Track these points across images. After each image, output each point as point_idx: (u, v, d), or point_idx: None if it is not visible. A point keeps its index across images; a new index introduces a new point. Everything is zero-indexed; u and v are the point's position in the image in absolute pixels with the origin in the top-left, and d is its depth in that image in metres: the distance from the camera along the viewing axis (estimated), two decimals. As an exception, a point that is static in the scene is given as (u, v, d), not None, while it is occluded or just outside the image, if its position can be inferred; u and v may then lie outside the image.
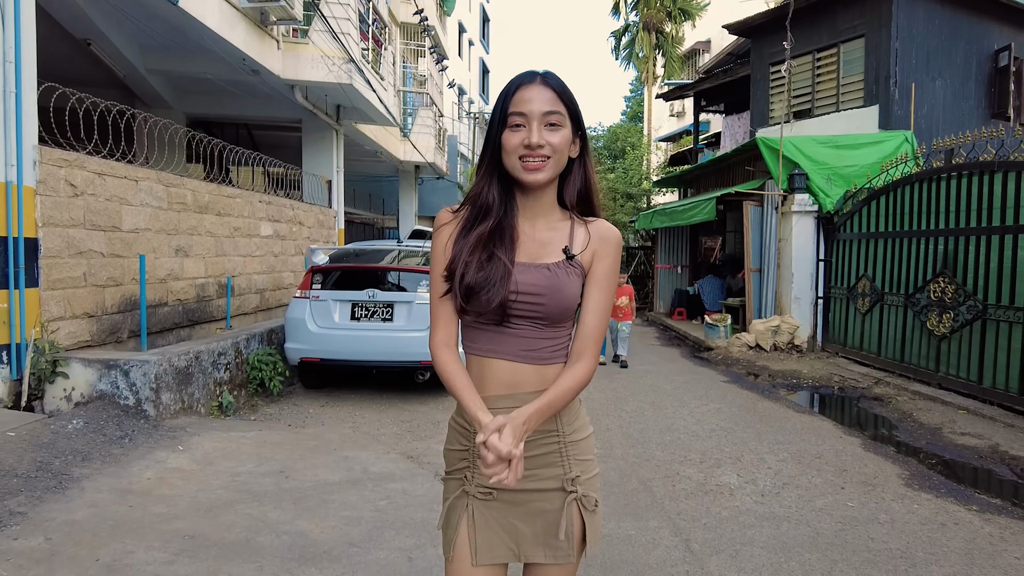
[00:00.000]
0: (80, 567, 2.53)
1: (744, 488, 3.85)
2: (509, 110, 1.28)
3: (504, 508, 1.31)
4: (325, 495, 3.42)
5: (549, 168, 1.28)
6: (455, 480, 1.35)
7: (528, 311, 1.28)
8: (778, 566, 2.85)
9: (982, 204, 6.30)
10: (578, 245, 1.33)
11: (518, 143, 1.27)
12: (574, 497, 1.29)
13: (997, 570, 2.88)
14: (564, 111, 1.29)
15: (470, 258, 1.27)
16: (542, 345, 1.30)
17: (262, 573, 2.58)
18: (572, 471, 1.30)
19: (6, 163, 4.24)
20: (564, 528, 1.27)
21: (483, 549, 1.29)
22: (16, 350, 4.31)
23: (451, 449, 1.38)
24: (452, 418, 1.40)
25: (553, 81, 1.30)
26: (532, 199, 1.34)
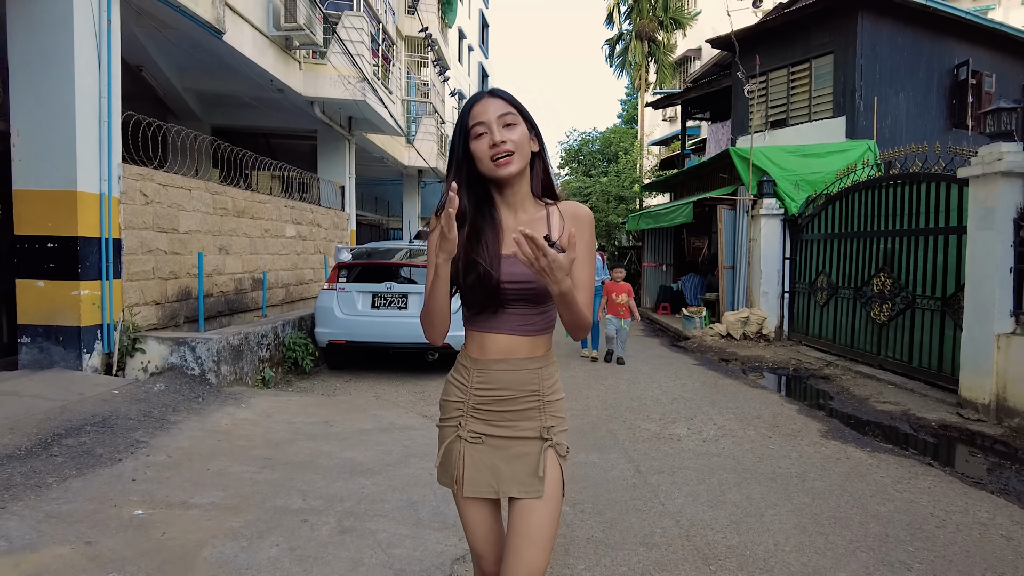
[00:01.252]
0: (198, 473, 3.56)
1: (690, 437, 4.87)
2: (469, 124, 1.47)
3: (489, 451, 1.50)
4: (363, 437, 4.45)
5: (516, 160, 1.45)
6: (450, 427, 1.55)
7: (522, 295, 1.47)
8: (701, 480, 3.87)
9: (911, 209, 7.33)
10: (556, 230, 1.51)
11: (486, 147, 1.44)
12: (549, 444, 1.50)
13: (864, 482, 3.90)
14: (516, 112, 1.48)
15: (464, 253, 1.47)
16: (535, 320, 1.51)
17: (326, 479, 3.60)
18: (548, 422, 1.52)
19: (100, 178, 5.26)
20: (541, 467, 1.47)
21: (469, 483, 1.49)
22: (107, 329, 5.32)
23: (448, 400, 1.59)
24: (450, 374, 1.61)
25: (501, 92, 1.51)
26: (509, 194, 1.52)
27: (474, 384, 1.53)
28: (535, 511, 1.46)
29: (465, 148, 1.47)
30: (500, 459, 1.49)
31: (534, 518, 1.46)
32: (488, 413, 1.52)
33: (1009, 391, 5.28)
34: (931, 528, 3.24)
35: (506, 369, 1.50)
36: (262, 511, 3.12)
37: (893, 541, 3.08)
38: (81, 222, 5.11)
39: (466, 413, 1.53)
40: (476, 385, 1.53)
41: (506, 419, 1.51)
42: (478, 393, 1.53)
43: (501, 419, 1.51)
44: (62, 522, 2.85)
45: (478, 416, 1.52)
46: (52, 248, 5.11)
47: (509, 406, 1.51)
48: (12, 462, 3.36)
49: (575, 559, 2.80)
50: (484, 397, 1.52)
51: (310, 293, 9.83)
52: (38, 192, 5.08)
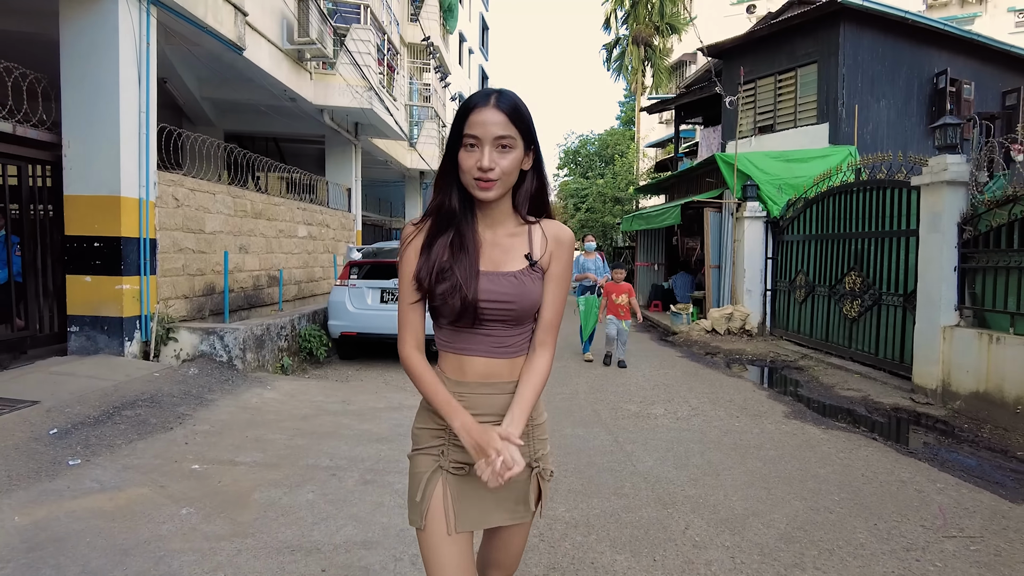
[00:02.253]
0: (238, 439, 4.18)
1: (666, 416, 5.49)
2: (464, 131, 1.36)
3: (475, 480, 1.39)
4: (376, 413, 5.06)
5: (498, 188, 1.37)
6: (428, 457, 1.45)
7: (499, 315, 1.40)
8: (670, 448, 4.49)
9: (878, 213, 7.94)
10: (537, 250, 1.44)
11: (472, 164, 1.35)
12: (536, 471, 1.47)
13: (812, 452, 4.52)
14: (516, 133, 1.37)
15: (440, 263, 1.38)
16: (512, 341, 1.44)
17: (347, 445, 4.22)
18: (537, 451, 1.48)
19: (139, 185, 5.87)
20: (532, 496, 1.47)
21: (460, 518, 1.42)
22: (144, 320, 5.94)
23: (424, 428, 1.47)
24: (423, 400, 1.49)
25: (505, 104, 1.36)
26: (489, 208, 1.44)
27: None
28: (516, 533, 1.52)
29: (455, 151, 1.40)
30: (485, 489, 1.39)
31: (513, 539, 1.52)
32: None
33: (952, 377, 5.89)
34: (858, 484, 3.86)
35: (490, 394, 1.43)
36: (296, 468, 3.74)
37: (823, 494, 3.69)
38: (123, 224, 5.72)
39: (448, 442, 1.43)
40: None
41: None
42: None
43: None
44: (137, 472, 3.46)
45: (461, 445, 1.41)
46: (98, 247, 5.72)
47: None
48: (86, 427, 3.98)
49: (557, 504, 3.41)
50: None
51: (320, 290, 10.44)
52: (86, 197, 5.69)
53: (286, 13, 8.96)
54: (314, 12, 9.11)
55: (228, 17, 7.11)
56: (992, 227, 5.63)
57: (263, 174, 11.91)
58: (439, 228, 1.42)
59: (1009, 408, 5.20)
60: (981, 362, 5.55)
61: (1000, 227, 5.54)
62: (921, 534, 3.16)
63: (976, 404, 5.58)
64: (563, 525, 3.15)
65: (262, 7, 8.32)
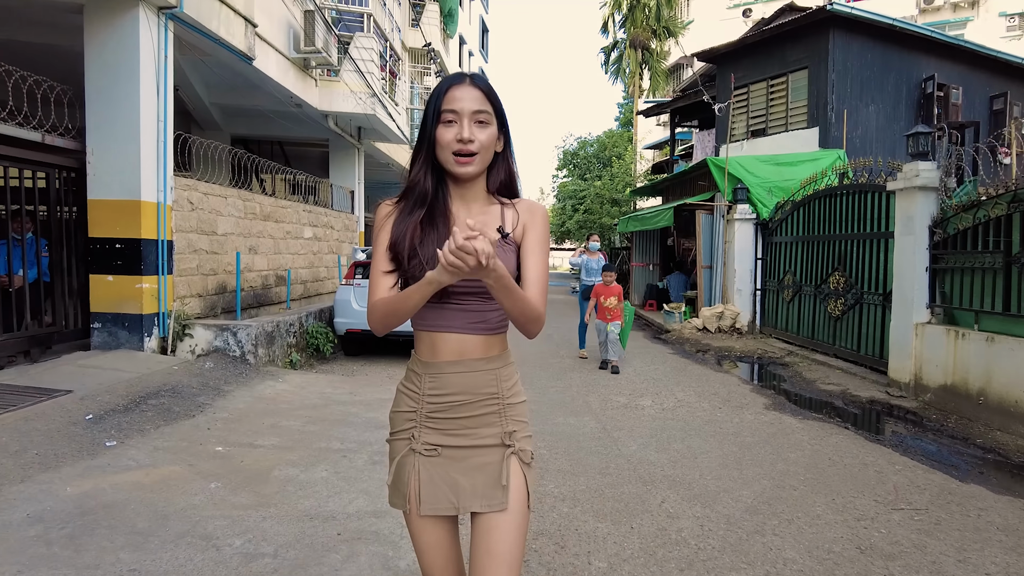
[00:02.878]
0: (256, 425, 4.54)
1: (653, 407, 5.85)
2: (442, 107, 1.38)
3: (447, 464, 1.39)
4: (382, 403, 5.42)
5: (477, 163, 1.39)
6: (402, 440, 1.45)
7: (472, 287, 1.38)
8: (653, 435, 4.85)
9: (860, 216, 8.30)
10: (509, 224, 1.45)
11: (451, 138, 1.37)
12: (512, 451, 1.41)
13: (786, 439, 4.88)
14: (491, 110, 1.40)
15: (411, 239, 1.38)
16: (487, 316, 1.42)
17: (356, 431, 4.58)
18: (509, 427, 1.43)
19: (158, 189, 6.23)
20: (504, 476, 1.38)
21: (426, 501, 1.39)
22: (162, 317, 6.30)
23: (399, 411, 1.47)
24: (400, 383, 1.51)
25: (481, 83, 1.42)
26: (464, 188, 1.45)
27: (426, 391, 1.43)
28: (500, 526, 1.37)
29: (433, 133, 1.41)
30: (459, 472, 1.40)
31: (498, 534, 1.37)
32: (443, 421, 1.42)
33: (924, 371, 6.26)
34: (824, 467, 4.22)
35: (460, 372, 1.41)
36: (311, 450, 4.10)
37: (791, 474, 4.05)
38: (143, 226, 6.09)
39: (419, 424, 1.43)
40: (428, 391, 1.43)
41: (463, 427, 1.42)
42: (431, 400, 1.43)
43: (458, 427, 1.42)
44: (167, 452, 3.83)
45: (432, 426, 1.42)
46: (120, 248, 6.08)
47: (466, 412, 1.42)
48: (117, 414, 4.34)
49: (547, 482, 3.77)
50: (438, 404, 1.42)
51: (324, 289, 10.80)
52: (108, 201, 6.06)
53: (293, 23, 9.32)
54: (320, 22, 9.48)
55: (239, 29, 7.47)
56: (959, 230, 6.00)
57: (268, 176, 12.31)
58: (412, 207, 1.43)
59: (972, 400, 5.56)
60: (948, 357, 5.91)
61: (966, 230, 5.90)
62: (873, 507, 3.52)
63: (944, 396, 5.94)
64: (552, 499, 3.51)
65: (270, 18, 8.68)
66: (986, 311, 5.63)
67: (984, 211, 5.64)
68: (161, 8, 6.17)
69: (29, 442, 3.68)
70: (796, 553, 2.93)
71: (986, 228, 5.69)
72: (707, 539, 3.06)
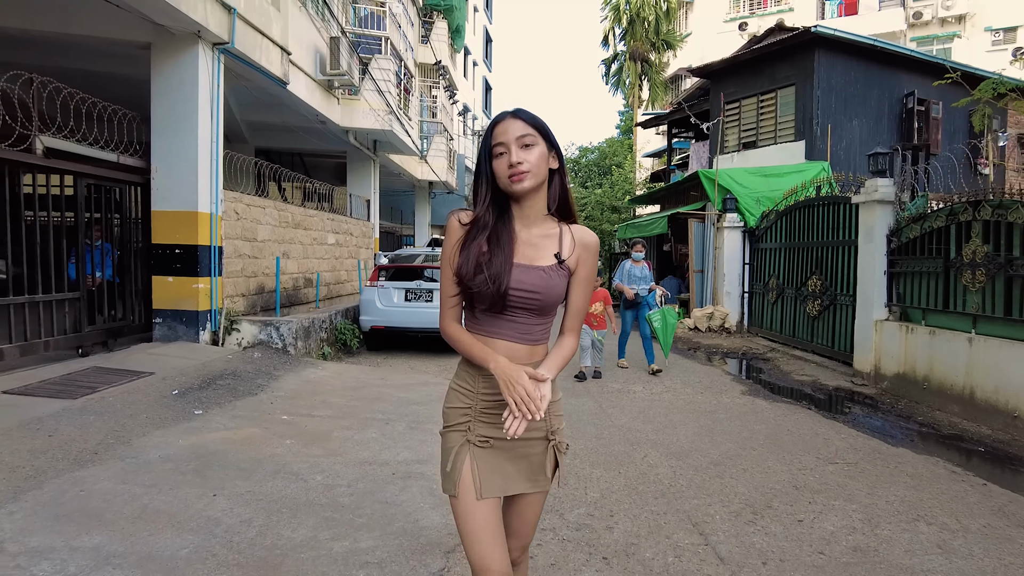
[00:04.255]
0: (309, 401, 5.43)
1: (643, 391, 6.73)
2: (492, 143, 1.59)
3: (497, 453, 1.63)
4: (409, 387, 6.31)
5: (530, 178, 1.57)
6: (457, 432, 1.64)
7: (526, 304, 1.59)
8: (641, 411, 5.73)
9: (833, 225, 9.18)
10: (566, 250, 1.63)
11: (504, 166, 1.57)
12: (553, 444, 1.66)
13: (755, 416, 5.75)
14: (536, 133, 1.59)
15: (479, 257, 1.58)
16: (534, 329, 1.63)
17: (393, 406, 5.46)
18: (552, 425, 1.67)
19: (211, 202, 7.14)
20: (549, 465, 1.65)
21: (485, 485, 1.60)
22: (214, 314, 7.19)
23: (453, 407, 1.67)
24: (452, 382, 1.70)
25: (524, 114, 1.60)
26: (525, 208, 1.63)
27: (481, 389, 1.62)
28: (534, 500, 1.69)
29: (490, 169, 1.60)
30: (507, 459, 1.62)
31: (532, 505, 1.69)
32: (496, 417, 1.60)
33: (882, 362, 7.13)
34: (781, 435, 5.10)
35: None
36: (358, 419, 4.99)
37: (752, 440, 4.93)
38: (199, 234, 6.99)
39: (474, 418, 1.62)
40: (483, 390, 1.62)
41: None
42: (485, 398, 1.62)
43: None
44: (244, 419, 4.72)
45: (486, 420, 1.62)
46: (179, 253, 6.98)
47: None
48: (194, 391, 5.24)
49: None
50: (491, 402, 1.61)
51: (344, 291, 11.70)
52: (170, 212, 6.96)
53: (320, 48, 10.25)
54: (344, 47, 10.41)
55: (276, 58, 8.39)
56: (910, 238, 6.88)
57: (288, 185, 13.21)
58: (477, 233, 1.61)
59: (919, 385, 6.44)
60: (901, 349, 6.79)
61: (916, 239, 6.79)
62: (814, 462, 4.40)
63: (898, 383, 6.81)
64: (557, 454, 4.39)
65: (300, 44, 9.60)
66: (930, 308, 6.51)
67: (929, 223, 6.52)
68: (215, 44, 7.08)
69: (138, 409, 4.57)
70: (745, 489, 3.81)
71: (931, 237, 6.57)
72: (677, 480, 3.94)
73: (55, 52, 7.70)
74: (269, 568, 2.60)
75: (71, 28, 6.58)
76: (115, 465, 3.60)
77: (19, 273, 5.57)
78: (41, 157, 5.58)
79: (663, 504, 3.54)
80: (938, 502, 3.67)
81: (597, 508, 3.42)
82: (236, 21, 7.11)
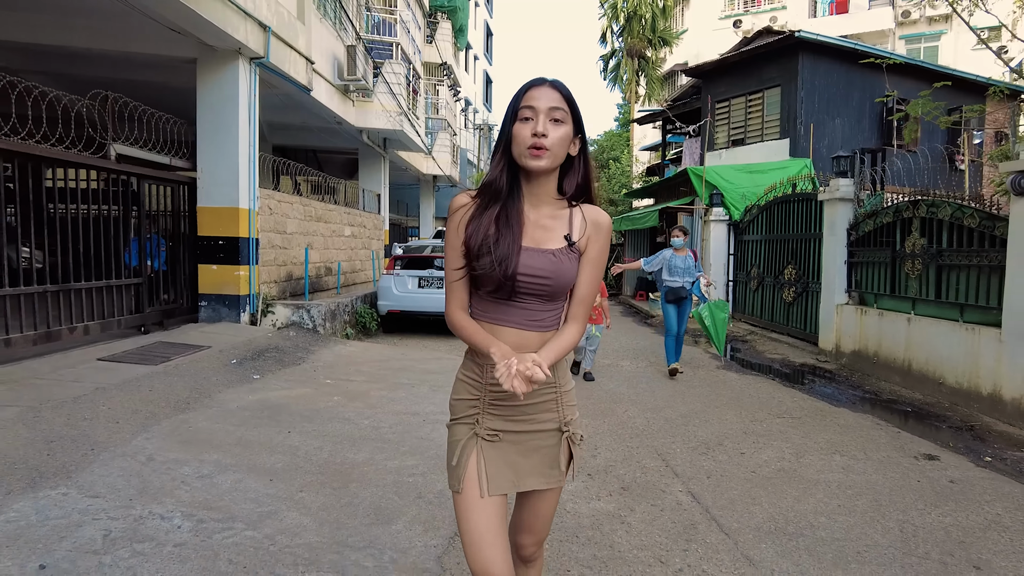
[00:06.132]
0: (344, 370, 6.40)
1: (629, 366, 7.69)
2: (521, 105, 1.48)
3: (507, 447, 1.55)
4: (426, 361, 7.27)
5: (547, 158, 1.47)
6: (464, 425, 1.58)
7: (535, 289, 1.50)
8: (625, 379, 6.69)
9: (806, 219, 10.11)
10: (576, 232, 1.54)
11: (527, 133, 1.46)
12: (567, 435, 1.59)
13: (723, 385, 6.71)
14: (567, 110, 1.49)
15: (485, 236, 1.48)
16: (544, 316, 1.55)
17: (415, 374, 6.42)
18: (566, 415, 1.60)
19: (249, 199, 8.07)
20: (563, 459, 1.58)
21: (492, 482, 1.52)
22: (252, 298, 8.14)
23: (460, 399, 1.60)
24: (460, 373, 1.63)
25: (560, 86, 1.51)
26: (535, 186, 1.53)
27: (489, 380, 1.54)
28: (548, 495, 1.60)
29: (510, 127, 1.50)
30: (517, 453, 1.55)
31: (545, 500, 1.60)
32: (505, 409, 1.54)
33: (841, 341, 8.09)
34: (743, 399, 6.07)
35: None
36: (387, 384, 5.95)
37: (717, 401, 5.89)
38: (240, 227, 7.92)
39: (482, 411, 1.56)
40: (492, 381, 1.52)
41: (524, 413, 1.54)
42: (494, 389, 1.52)
43: (519, 414, 1.54)
44: (295, 382, 5.69)
45: (495, 412, 1.55)
46: (222, 244, 7.92)
47: (527, 399, 1.51)
48: (248, 361, 6.20)
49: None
50: (501, 393, 1.50)
51: (359, 279, 12.65)
52: (214, 208, 7.89)
53: (338, 56, 11.14)
54: (359, 54, 11.30)
55: (302, 67, 9.30)
56: (866, 232, 7.82)
57: (303, 180, 14.13)
58: (487, 203, 1.51)
59: (870, 360, 7.41)
60: (857, 329, 7.75)
61: (870, 232, 7.73)
62: (765, 417, 5.37)
63: (854, 359, 7.78)
64: (554, 410, 5.36)
65: (321, 53, 10.50)
66: (881, 294, 7.46)
67: (880, 219, 7.47)
68: (253, 58, 7.99)
69: (208, 374, 5.53)
70: (704, 433, 4.78)
71: (882, 231, 7.51)
72: (650, 426, 4.91)
73: (103, 65, 8.58)
74: (343, 475, 3.56)
75: (131, 47, 7.49)
76: (206, 412, 4.56)
77: (76, 262, 6.50)
78: (114, 162, 6.51)
79: (636, 442, 4.51)
80: (855, 442, 4.65)
81: (584, 445, 4.39)
82: (271, 38, 8.02)
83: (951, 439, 4.79)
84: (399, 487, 3.41)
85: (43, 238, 5.74)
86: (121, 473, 3.30)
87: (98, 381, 4.82)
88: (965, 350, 5.82)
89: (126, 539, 2.63)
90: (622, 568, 2.69)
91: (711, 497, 3.50)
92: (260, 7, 7.67)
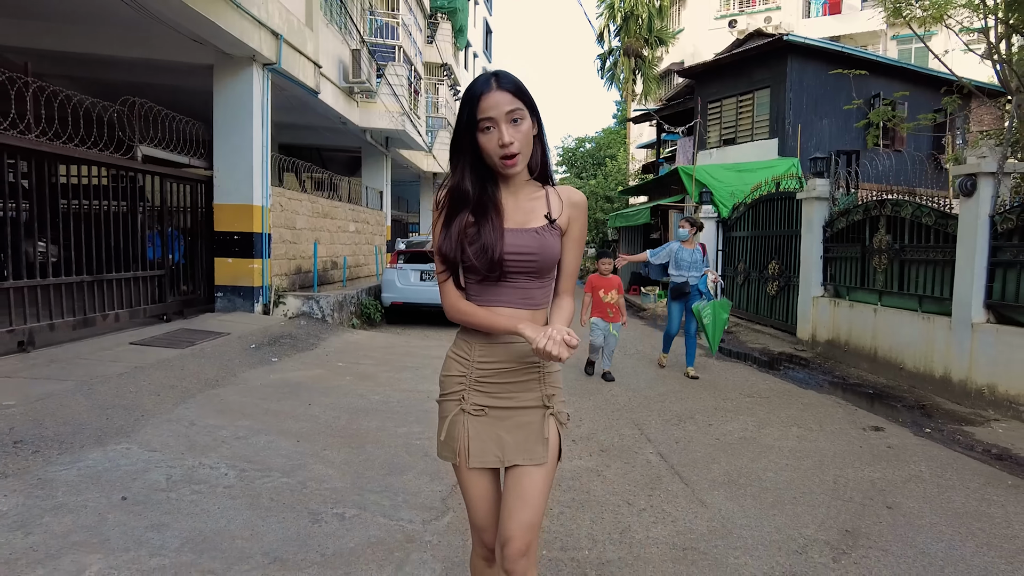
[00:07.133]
0: (353, 354, 6.94)
1: (619, 354, 8.22)
2: (478, 117, 1.51)
3: (493, 422, 1.60)
4: (430, 347, 7.82)
5: (521, 160, 1.55)
6: (452, 401, 1.63)
7: (523, 267, 1.57)
8: (613, 366, 7.24)
9: (788, 217, 10.65)
10: (555, 210, 1.62)
11: (495, 144, 1.51)
12: (550, 412, 1.62)
13: (705, 370, 7.25)
14: (522, 105, 1.52)
15: (459, 238, 1.55)
16: (535, 293, 1.61)
17: (420, 359, 6.96)
18: (548, 391, 1.64)
19: (262, 196, 8.60)
20: (545, 434, 1.60)
21: (475, 455, 1.60)
22: (264, 289, 8.68)
23: (449, 375, 1.66)
24: (450, 351, 1.69)
25: (507, 83, 1.52)
26: (510, 179, 1.60)
27: (476, 358, 1.61)
28: (533, 476, 1.59)
29: (472, 139, 1.53)
30: (503, 429, 1.60)
31: (531, 481, 1.59)
32: (490, 386, 1.61)
33: (817, 331, 8.65)
34: (719, 381, 6.62)
35: (509, 342, 1.59)
36: (394, 367, 6.50)
37: (694, 384, 6.44)
38: (254, 223, 8.45)
39: (468, 387, 1.61)
40: (479, 359, 1.60)
41: (508, 391, 1.61)
42: (481, 367, 1.60)
43: (503, 391, 1.61)
44: (310, 365, 6.23)
45: (480, 389, 1.61)
46: (236, 239, 8.45)
47: (511, 378, 1.60)
48: (265, 346, 6.74)
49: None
50: (487, 370, 1.59)
51: (362, 273, 13.19)
52: (229, 205, 8.42)
53: (343, 59, 11.65)
54: (364, 57, 11.81)
55: (310, 71, 9.82)
56: (840, 229, 8.37)
57: (307, 176, 14.66)
58: (456, 206, 1.57)
59: (842, 348, 7.96)
60: (831, 319, 8.30)
61: (843, 229, 8.27)
62: (736, 396, 5.92)
63: (828, 348, 8.34)
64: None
65: (328, 57, 11.01)
66: (852, 286, 8.01)
67: (852, 216, 8.01)
68: (265, 64, 8.51)
69: (231, 356, 6.08)
70: (678, 409, 5.34)
71: (854, 228, 8.05)
72: (631, 403, 5.46)
73: (123, 69, 9.10)
74: (359, 438, 4.11)
75: (154, 55, 8.01)
76: (234, 388, 5.11)
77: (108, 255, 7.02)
78: (140, 162, 7.04)
79: (617, 415, 5.06)
80: (814, 417, 5.20)
81: (570, 418, 4.93)
82: (282, 45, 8.53)
83: (901, 416, 5.35)
84: (408, 448, 3.96)
85: (69, 232, 6.26)
86: (171, 434, 3.85)
87: (134, 361, 5.36)
88: (922, 337, 6.37)
89: (185, 481, 3.18)
90: (596, 508, 3.24)
91: (677, 458, 4.05)
92: (272, 16, 8.19)
